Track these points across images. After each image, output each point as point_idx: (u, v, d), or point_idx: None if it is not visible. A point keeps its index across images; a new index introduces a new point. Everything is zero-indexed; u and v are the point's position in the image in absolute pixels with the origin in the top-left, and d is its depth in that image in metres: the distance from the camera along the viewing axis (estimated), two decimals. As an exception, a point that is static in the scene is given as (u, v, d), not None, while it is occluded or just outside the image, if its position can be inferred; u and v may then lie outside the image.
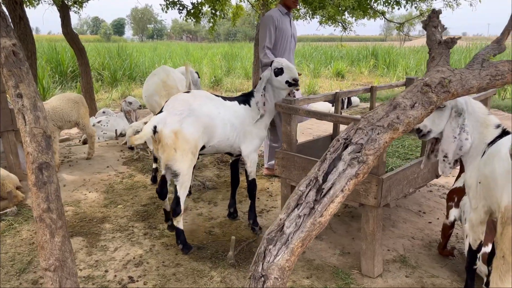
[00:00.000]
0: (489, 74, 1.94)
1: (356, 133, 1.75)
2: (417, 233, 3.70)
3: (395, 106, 1.79)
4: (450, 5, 8.70)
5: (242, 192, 4.46)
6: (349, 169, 1.69)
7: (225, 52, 21.92)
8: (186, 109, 2.99)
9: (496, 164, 1.96)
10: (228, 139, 3.29)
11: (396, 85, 4.77)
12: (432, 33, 2.17)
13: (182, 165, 2.98)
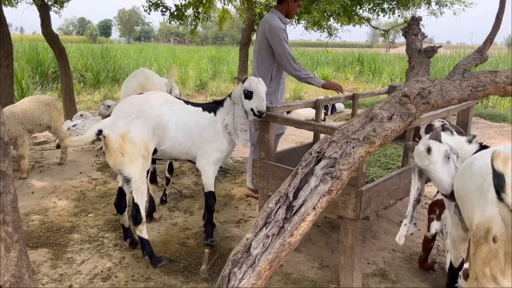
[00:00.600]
0: (470, 85, 1.84)
1: (329, 146, 1.63)
2: (397, 245, 3.60)
3: (372, 117, 1.68)
4: (434, 13, 8.74)
5: (220, 200, 4.32)
6: (321, 185, 1.57)
7: (212, 55, 21.75)
8: (134, 111, 2.87)
9: (467, 179, 1.85)
10: (181, 145, 3.10)
11: (379, 92, 4.69)
12: (412, 41, 2.07)
13: (133, 169, 2.85)
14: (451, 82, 1.85)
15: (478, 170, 1.76)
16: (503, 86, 1.88)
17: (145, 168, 2.91)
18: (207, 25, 57.76)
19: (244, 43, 9.36)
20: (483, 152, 1.90)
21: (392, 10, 8.97)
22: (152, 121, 2.90)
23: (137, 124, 2.84)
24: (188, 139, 3.11)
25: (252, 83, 3.01)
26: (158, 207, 4.11)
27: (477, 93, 1.84)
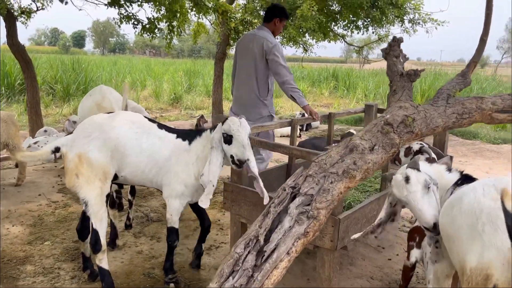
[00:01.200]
0: (456, 112, 1.71)
1: (305, 181, 1.45)
2: (376, 272, 3.45)
3: (352, 148, 1.51)
4: (407, 31, 8.82)
5: (190, 225, 4.07)
6: (296, 227, 1.38)
7: (187, 68, 21.53)
8: (95, 131, 2.70)
9: (457, 216, 1.70)
10: (144, 172, 2.81)
11: (355, 111, 4.58)
12: (393, 64, 1.93)
13: (89, 193, 2.65)
14: (435, 109, 1.71)
15: (469, 207, 1.61)
16: (489, 113, 1.76)
17: (104, 192, 2.70)
18: (184, 38, 57.49)
19: (219, 57, 9.21)
20: (472, 186, 1.75)
21: (366, 27, 9.02)
22: (111, 143, 2.69)
23: (95, 145, 2.66)
24: (152, 167, 2.81)
25: (233, 126, 2.55)
26: (123, 233, 3.84)
27: (462, 121, 1.71)
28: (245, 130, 2.56)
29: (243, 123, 2.57)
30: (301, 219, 1.38)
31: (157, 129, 2.88)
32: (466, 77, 1.93)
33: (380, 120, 1.62)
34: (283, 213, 1.42)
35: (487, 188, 1.68)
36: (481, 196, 1.63)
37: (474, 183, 1.80)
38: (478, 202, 1.61)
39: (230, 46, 9.40)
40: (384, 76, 21.17)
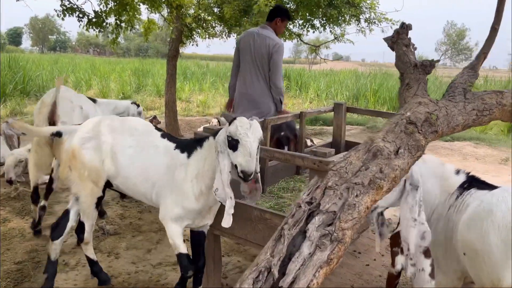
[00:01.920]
0: (476, 108, 1.51)
1: (324, 194, 1.17)
2: (356, 280, 3.25)
3: (375, 153, 1.25)
4: (363, 31, 8.85)
5: (152, 237, 3.67)
6: (318, 253, 1.10)
7: (135, 68, 20.70)
8: (95, 131, 2.57)
9: (489, 231, 1.52)
10: (136, 185, 2.48)
11: (325, 110, 4.40)
12: (403, 53, 1.71)
13: (80, 190, 2.60)
14: (455, 105, 1.51)
15: (503, 221, 1.44)
16: (509, 110, 1.58)
17: (94, 193, 2.60)
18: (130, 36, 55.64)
19: (172, 55, 8.74)
20: (500, 196, 1.58)
21: (323, 26, 8.95)
22: (106, 148, 2.52)
23: (92, 145, 2.54)
24: (145, 181, 2.44)
25: (240, 129, 2.00)
26: (75, 250, 3.37)
27: (483, 118, 1.52)
28: (255, 135, 2.03)
29: (254, 125, 2.05)
30: (323, 243, 1.10)
31: (159, 138, 2.51)
32: (475, 69, 1.75)
33: (400, 118, 1.38)
34: (299, 237, 1.13)
35: (505, 199, 1.54)
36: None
37: (498, 192, 1.62)
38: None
39: (183, 44, 8.98)
40: (334, 76, 21.57)
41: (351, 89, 16.08)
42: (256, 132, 2.04)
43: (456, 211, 1.89)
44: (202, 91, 16.01)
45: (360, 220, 1.15)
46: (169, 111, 8.46)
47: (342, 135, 4.22)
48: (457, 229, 1.81)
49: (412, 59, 1.72)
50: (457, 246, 1.78)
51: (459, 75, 1.72)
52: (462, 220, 1.71)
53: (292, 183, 3.53)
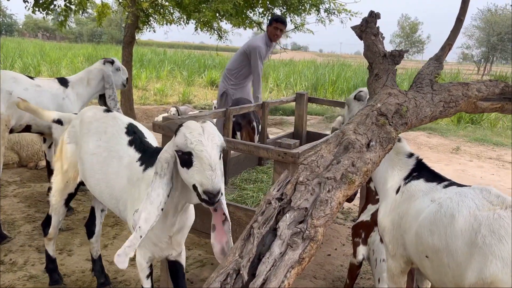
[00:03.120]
0: (443, 100, 1.50)
1: (295, 190, 1.10)
2: (318, 270, 3.26)
3: (347, 146, 1.20)
4: (322, 21, 8.89)
5: (108, 232, 3.50)
6: (289, 253, 1.04)
7: (88, 54, 19.87)
8: (78, 126, 2.40)
9: (452, 237, 1.54)
10: (103, 200, 2.22)
11: (287, 100, 4.36)
12: (372, 43, 1.67)
13: (55, 180, 2.52)
14: (423, 96, 1.49)
15: (466, 225, 1.47)
16: (474, 101, 1.58)
17: (66, 188, 2.48)
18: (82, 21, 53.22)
19: (127, 42, 8.40)
20: (459, 200, 1.60)
21: (283, 15, 8.91)
22: (77, 149, 2.35)
23: (73, 141, 2.41)
24: (110, 196, 2.13)
25: (190, 136, 1.55)
26: (22, 248, 3.16)
27: (449, 110, 1.51)
28: (212, 141, 1.56)
29: (207, 128, 1.58)
30: (295, 242, 1.04)
31: (125, 147, 2.14)
32: (440, 61, 1.75)
33: (370, 109, 1.34)
34: (269, 236, 1.06)
35: (479, 200, 1.58)
36: (476, 210, 1.52)
37: (454, 196, 1.64)
38: (475, 217, 1.50)
39: (139, 29, 8.66)
40: (293, 66, 21.70)
41: (310, 79, 16.23)
42: (212, 137, 1.56)
43: (403, 198, 1.91)
44: (159, 79, 15.60)
45: (332, 217, 1.10)
46: (125, 99, 8.15)
47: (303, 125, 4.20)
48: (409, 224, 1.83)
49: (381, 49, 1.69)
50: (416, 247, 1.79)
51: (425, 66, 1.71)
52: (421, 223, 1.71)
53: (254, 174, 3.47)
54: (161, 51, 25.56)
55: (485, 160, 7.12)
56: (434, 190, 1.84)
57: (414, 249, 1.83)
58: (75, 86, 3.76)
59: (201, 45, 49.58)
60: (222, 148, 1.58)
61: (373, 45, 1.70)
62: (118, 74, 4.00)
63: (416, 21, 48.79)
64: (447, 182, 1.85)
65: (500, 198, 1.55)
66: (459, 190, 1.69)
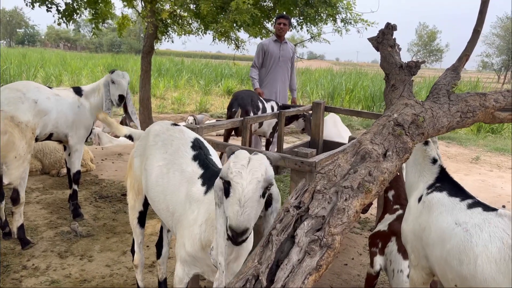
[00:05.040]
0: (460, 110, 1.51)
1: (313, 198, 1.13)
2: (334, 280, 3.25)
3: (364, 155, 1.22)
4: (339, 30, 8.91)
5: (127, 239, 3.57)
6: (307, 260, 1.06)
7: (108, 63, 20.25)
8: (143, 139, 2.46)
9: (483, 264, 1.54)
10: (158, 210, 2.25)
11: (304, 109, 4.38)
12: (389, 54, 1.69)
13: (128, 197, 2.55)
14: (440, 107, 1.50)
15: (501, 254, 1.53)
16: (491, 112, 1.59)
17: (135, 206, 2.50)
18: (102, 31, 54.38)
19: (146, 51, 8.56)
20: (492, 232, 1.60)
21: (300, 24, 8.96)
22: (143, 162, 2.37)
23: (139, 154, 2.43)
24: (166, 208, 2.17)
25: (232, 166, 1.51)
26: (45, 253, 3.24)
27: (466, 120, 1.52)
28: (254, 175, 1.46)
29: (254, 161, 1.50)
30: (312, 249, 1.06)
31: (189, 161, 2.15)
32: (457, 71, 1.76)
33: (387, 120, 1.36)
34: (287, 243, 1.09)
35: (510, 230, 1.59)
36: (510, 240, 1.54)
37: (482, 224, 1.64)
38: (509, 247, 1.52)
39: (158, 39, 8.82)
40: (309, 74, 21.70)
41: (326, 87, 16.22)
42: (254, 171, 1.47)
43: (424, 209, 1.91)
44: (177, 88, 15.81)
45: (349, 225, 1.13)
46: (143, 108, 8.29)
47: (320, 134, 4.22)
48: (432, 242, 1.82)
49: (397, 60, 1.71)
50: (445, 274, 1.78)
51: (442, 77, 1.73)
52: (450, 252, 1.69)
53: (271, 182, 3.49)
54: (179, 60, 25.92)
55: (506, 170, 6.99)
56: (457, 209, 1.80)
57: (442, 275, 1.82)
58: (88, 95, 3.84)
59: (218, 54, 50.08)
60: (268, 185, 1.45)
61: (390, 56, 1.73)
62: (113, 87, 3.77)
63: (434, 30, 48.34)
64: (471, 201, 1.80)
65: None
66: (486, 217, 1.67)
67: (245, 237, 1.40)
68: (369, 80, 18.25)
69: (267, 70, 5.71)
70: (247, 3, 6.88)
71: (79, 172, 3.90)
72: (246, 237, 1.40)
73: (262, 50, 5.69)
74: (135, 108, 3.98)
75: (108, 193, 4.62)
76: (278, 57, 5.73)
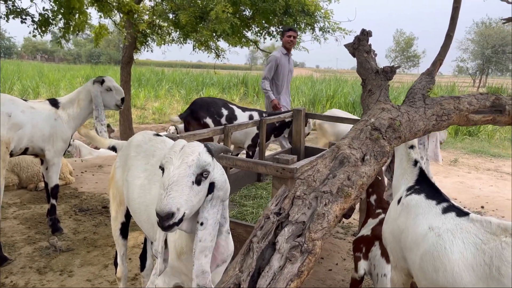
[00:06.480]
0: (435, 113, 1.54)
1: (293, 204, 1.13)
2: (319, 286, 3.25)
3: (342, 160, 1.23)
4: (317, 39, 9.02)
5: (108, 252, 3.50)
6: (288, 266, 1.06)
7: (87, 74, 20.03)
8: (125, 149, 2.43)
9: (461, 271, 1.56)
10: (140, 222, 2.21)
11: (285, 116, 4.41)
12: (365, 60, 1.72)
13: (110, 208, 2.47)
14: (416, 111, 1.53)
15: (477, 259, 1.52)
16: (466, 114, 1.62)
17: (117, 217, 2.44)
18: (80, 42, 53.76)
19: (125, 62, 8.51)
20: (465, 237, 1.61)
21: (279, 33, 9.03)
22: (125, 173, 2.33)
23: (121, 164, 2.39)
24: (147, 220, 2.12)
25: (167, 153, 1.54)
26: (23, 270, 3.15)
27: (441, 123, 1.54)
28: (185, 160, 1.47)
29: (187, 148, 1.52)
30: (293, 255, 1.06)
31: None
32: (432, 75, 1.80)
33: (364, 124, 1.38)
34: (268, 250, 1.08)
35: (483, 235, 1.60)
36: (483, 245, 1.55)
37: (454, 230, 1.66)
38: (483, 252, 1.53)
39: (137, 50, 8.77)
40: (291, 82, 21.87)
41: (307, 94, 16.36)
42: (185, 156, 1.46)
43: (402, 211, 1.93)
44: (158, 98, 15.71)
45: (329, 230, 1.13)
46: (123, 119, 8.20)
47: (301, 140, 4.24)
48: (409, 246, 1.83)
49: (373, 66, 1.74)
50: (420, 281, 1.80)
51: (417, 81, 1.76)
52: (423, 258, 1.70)
53: (254, 190, 3.49)
54: (159, 70, 25.80)
55: (483, 171, 7.15)
56: (433, 213, 1.82)
57: (417, 279, 1.84)
58: (65, 107, 3.75)
59: (199, 64, 50.05)
60: (202, 171, 1.44)
61: (366, 62, 1.75)
62: (110, 94, 3.78)
63: (411, 36, 49.39)
64: (446, 205, 1.82)
65: (501, 226, 1.56)
66: (459, 222, 1.69)
67: (172, 222, 1.35)
68: (349, 86, 18.47)
69: (279, 83, 5.77)
70: (226, 12, 6.91)
71: (57, 186, 3.82)
72: (173, 222, 1.35)
73: (275, 63, 5.68)
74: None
75: (88, 206, 4.54)
76: (287, 70, 5.84)
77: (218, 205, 1.47)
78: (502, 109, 1.68)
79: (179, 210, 1.36)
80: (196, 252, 1.43)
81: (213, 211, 1.45)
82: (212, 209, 1.45)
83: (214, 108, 4.67)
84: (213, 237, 1.44)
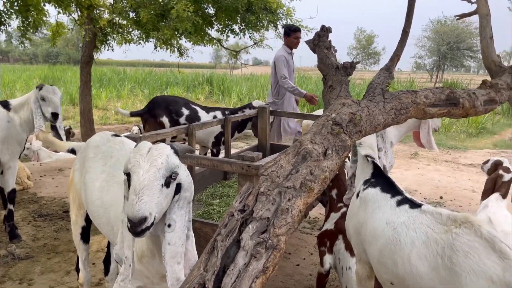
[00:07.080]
0: (394, 107, 1.58)
1: (257, 200, 1.13)
2: (287, 281, 3.28)
3: (304, 155, 1.24)
4: (280, 36, 9.07)
5: (70, 258, 3.38)
6: (254, 263, 1.06)
7: (44, 75, 19.32)
8: (83, 151, 2.36)
9: (415, 262, 1.60)
10: (99, 225, 2.17)
11: (249, 114, 4.41)
12: (325, 56, 1.74)
13: (71, 212, 2.43)
14: (375, 105, 1.56)
15: (429, 250, 1.56)
16: (423, 108, 1.67)
17: (77, 221, 2.39)
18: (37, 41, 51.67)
19: (85, 61, 8.25)
20: (418, 228, 1.66)
21: (242, 31, 9.01)
22: (83, 175, 2.26)
23: (78, 167, 2.31)
24: (106, 223, 2.05)
25: (132, 156, 1.51)
26: None
27: (400, 117, 1.59)
28: (153, 163, 1.44)
29: (154, 150, 1.49)
30: (258, 252, 1.06)
31: None
32: (390, 71, 1.85)
33: (326, 119, 1.39)
34: (232, 246, 1.08)
35: (434, 225, 1.65)
36: (434, 234, 1.60)
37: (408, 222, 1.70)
38: (435, 241, 1.57)
39: (97, 49, 8.53)
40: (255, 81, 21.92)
41: (272, 92, 16.41)
42: (154, 159, 1.43)
43: (360, 205, 1.97)
44: (120, 98, 15.35)
45: (294, 225, 1.13)
46: (84, 120, 7.95)
47: (267, 138, 4.26)
48: (368, 240, 1.88)
49: (333, 61, 1.77)
50: (381, 274, 1.84)
51: (376, 76, 1.80)
52: (382, 252, 1.74)
53: (220, 189, 3.47)
54: (121, 70, 25.20)
55: (442, 163, 7.44)
56: (388, 206, 1.86)
57: (378, 275, 1.88)
58: (17, 109, 3.60)
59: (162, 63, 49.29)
60: (170, 173, 1.42)
61: (326, 58, 1.78)
62: (43, 104, 3.51)
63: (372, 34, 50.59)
64: (400, 198, 1.87)
65: (451, 217, 1.61)
66: (412, 214, 1.74)
67: (145, 227, 1.33)
68: (313, 83, 18.72)
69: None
70: (187, 11, 6.82)
71: (14, 190, 3.66)
72: (145, 226, 1.33)
73: (286, 62, 5.44)
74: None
75: (48, 211, 4.37)
76: (292, 69, 5.72)
77: (185, 207, 1.46)
78: (456, 102, 1.74)
79: (151, 215, 1.34)
80: (166, 257, 1.39)
81: (181, 213, 1.43)
82: (180, 211, 1.43)
83: (173, 106, 4.61)
84: (183, 241, 1.41)
